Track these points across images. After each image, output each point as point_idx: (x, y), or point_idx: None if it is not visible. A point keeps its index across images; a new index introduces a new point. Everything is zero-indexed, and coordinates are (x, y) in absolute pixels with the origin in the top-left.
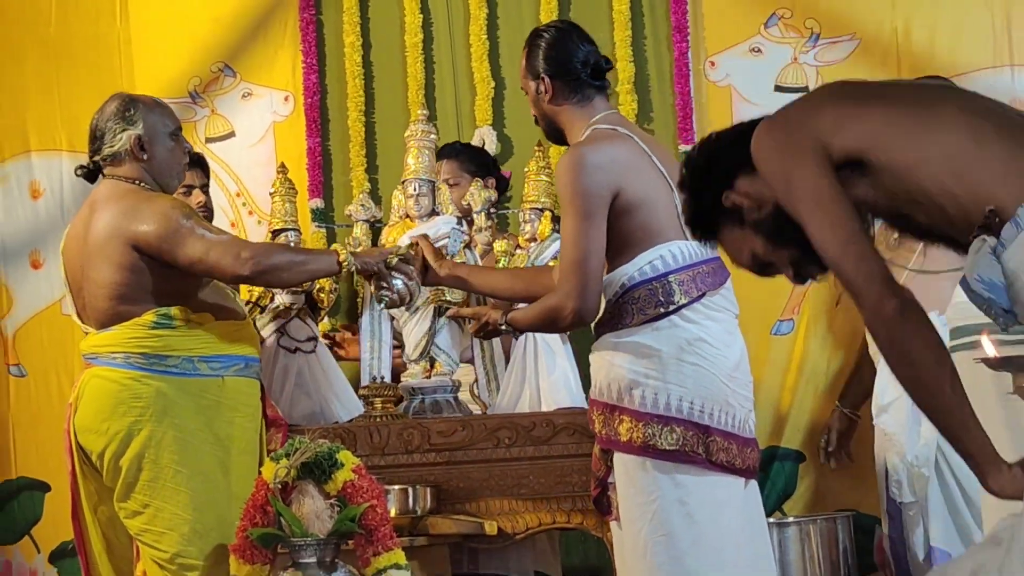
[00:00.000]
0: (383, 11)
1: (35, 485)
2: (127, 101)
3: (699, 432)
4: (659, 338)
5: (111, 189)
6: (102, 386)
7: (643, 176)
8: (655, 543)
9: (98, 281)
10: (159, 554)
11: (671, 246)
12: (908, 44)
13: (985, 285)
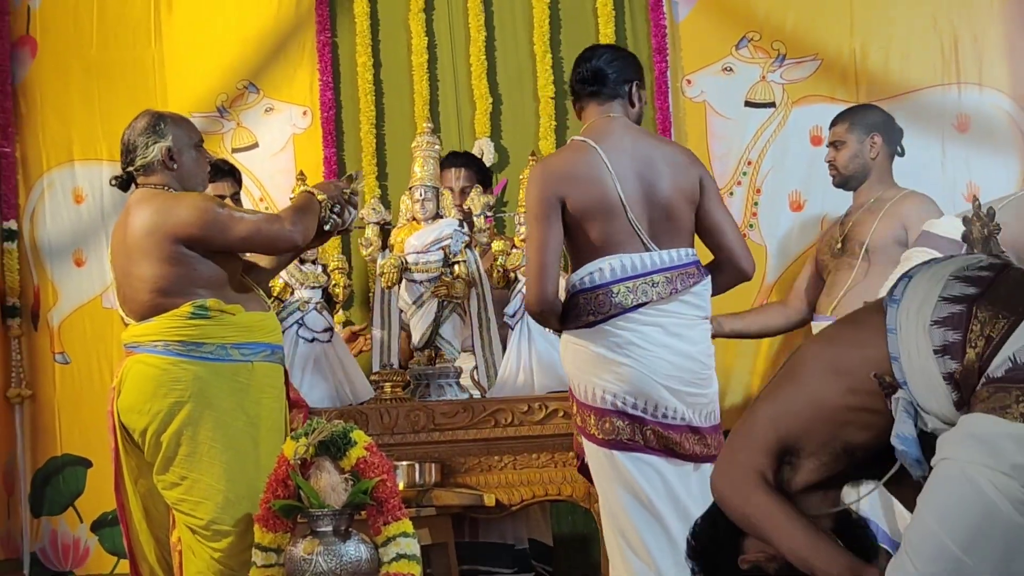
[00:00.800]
0: (392, 34)
1: (78, 461)
2: (155, 117)
3: (635, 423)
4: (595, 340)
5: (144, 195)
6: (144, 371)
7: (590, 187)
8: (608, 517)
9: (140, 276)
10: (195, 521)
11: (612, 259)
12: (865, 64)
13: (900, 440)
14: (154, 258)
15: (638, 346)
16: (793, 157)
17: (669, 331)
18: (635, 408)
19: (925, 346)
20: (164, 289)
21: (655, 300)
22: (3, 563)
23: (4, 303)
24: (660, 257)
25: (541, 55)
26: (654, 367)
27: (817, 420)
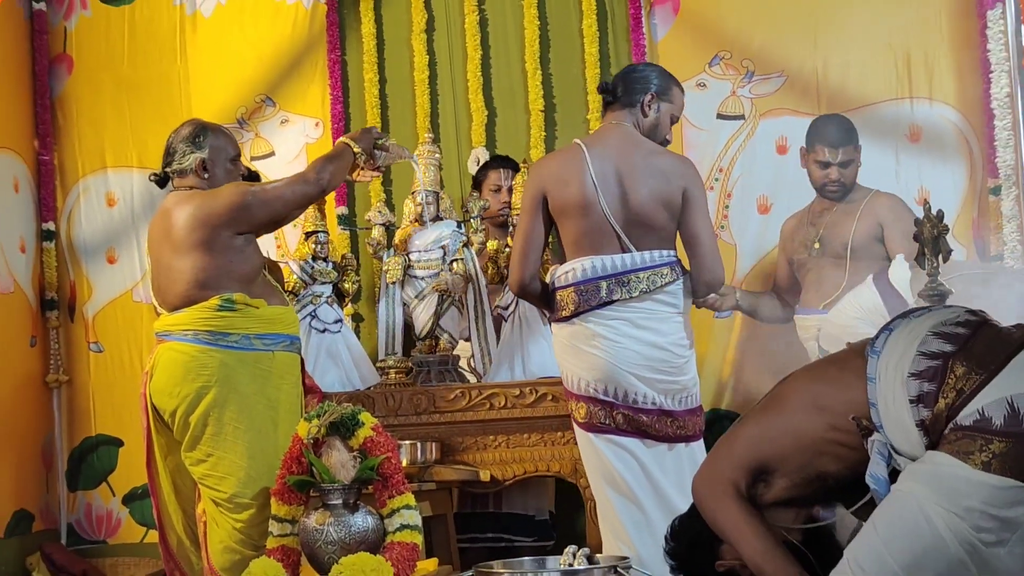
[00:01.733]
0: (396, 52)
1: (111, 441)
2: (199, 128)
3: (604, 407)
4: (570, 332)
5: (180, 197)
6: (174, 357)
7: (569, 186)
8: (594, 491)
9: (181, 268)
10: (218, 495)
11: (585, 261)
12: (826, 79)
13: (873, 479)
14: (196, 248)
15: (606, 338)
16: (761, 164)
17: (637, 324)
18: (606, 394)
19: (901, 396)
20: (201, 281)
21: (625, 298)
22: (42, 533)
23: (43, 297)
24: (634, 259)
25: (532, 72)
26: (622, 357)
27: (795, 448)
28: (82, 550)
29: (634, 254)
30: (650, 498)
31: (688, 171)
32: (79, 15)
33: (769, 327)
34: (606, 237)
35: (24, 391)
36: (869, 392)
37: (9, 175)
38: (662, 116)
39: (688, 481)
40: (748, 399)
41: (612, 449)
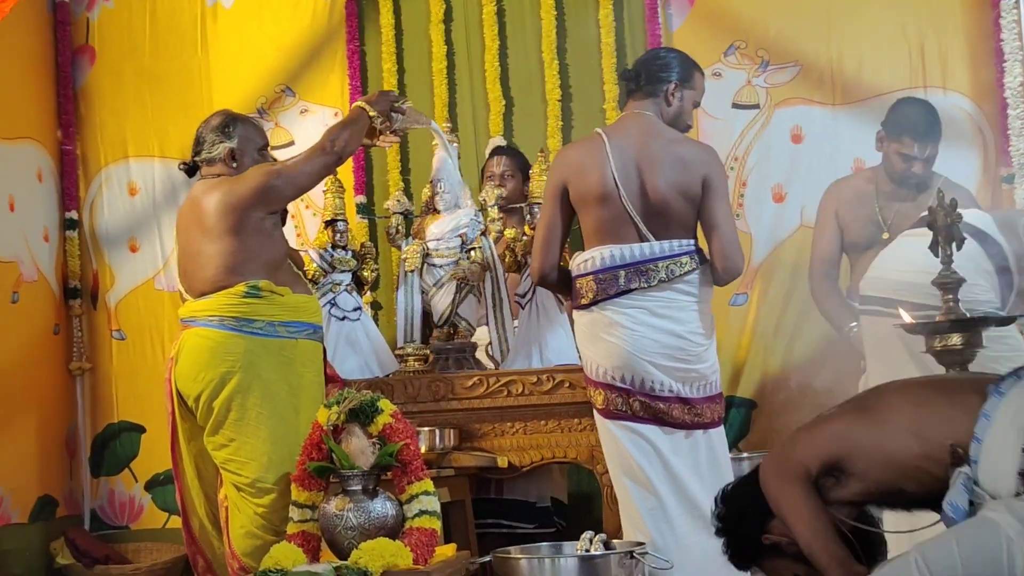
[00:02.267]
0: (414, 43)
1: (133, 427)
2: (228, 118)
3: (621, 394)
4: (589, 320)
5: (207, 184)
6: (200, 343)
7: (589, 175)
8: (612, 469)
9: (210, 253)
10: (241, 479)
11: (602, 250)
12: (841, 69)
13: (951, 508)
14: (231, 233)
15: (624, 326)
16: (776, 153)
17: (655, 313)
18: (623, 382)
19: (1014, 442)
20: (229, 266)
21: (644, 287)
22: (66, 519)
23: (66, 285)
24: (652, 248)
25: (549, 61)
26: (639, 345)
27: (883, 465)
28: (105, 535)
29: (652, 243)
30: (666, 485)
31: (709, 159)
32: (101, 6)
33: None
34: (625, 226)
35: (48, 379)
36: (978, 427)
37: (33, 165)
38: (685, 104)
39: (705, 468)
40: (763, 385)
41: (629, 436)
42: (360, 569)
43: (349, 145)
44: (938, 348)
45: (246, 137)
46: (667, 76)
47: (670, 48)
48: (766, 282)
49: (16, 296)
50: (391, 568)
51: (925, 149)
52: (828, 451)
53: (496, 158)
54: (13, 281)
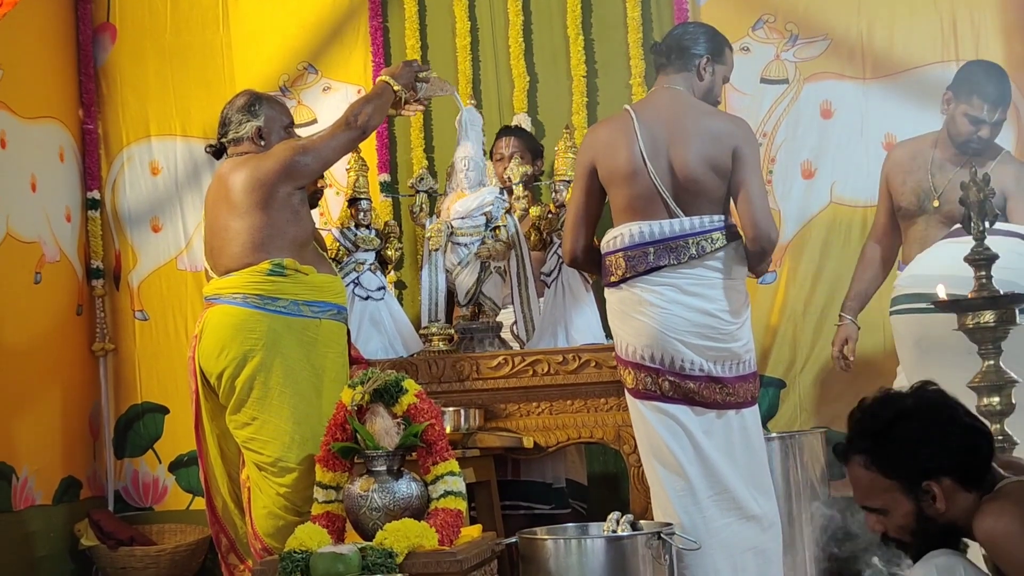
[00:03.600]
0: (438, 19)
1: (156, 409)
2: (253, 98)
3: (651, 374)
4: (619, 298)
5: (234, 162)
6: (223, 320)
7: (618, 155)
8: (643, 458)
9: (237, 228)
10: (263, 459)
11: (632, 226)
12: (871, 42)
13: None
14: (258, 208)
15: (654, 304)
16: (804, 129)
17: (685, 290)
18: (652, 360)
19: None
20: (256, 242)
21: (673, 264)
22: (90, 500)
23: (89, 266)
24: (682, 224)
25: (574, 37)
26: (669, 323)
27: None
28: (129, 517)
29: (683, 219)
30: (695, 467)
31: (740, 131)
32: None
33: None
34: (654, 203)
35: (71, 359)
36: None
37: (54, 144)
38: (716, 78)
39: (738, 449)
40: (790, 365)
41: (658, 417)
42: (385, 550)
43: (373, 119)
44: (970, 326)
45: (272, 116)
46: (699, 51)
47: (699, 23)
48: (795, 260)
49: (39, 277)
50: (416, 549)
51: (995, 112)
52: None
53: (504, 139)
54: (36, 261)
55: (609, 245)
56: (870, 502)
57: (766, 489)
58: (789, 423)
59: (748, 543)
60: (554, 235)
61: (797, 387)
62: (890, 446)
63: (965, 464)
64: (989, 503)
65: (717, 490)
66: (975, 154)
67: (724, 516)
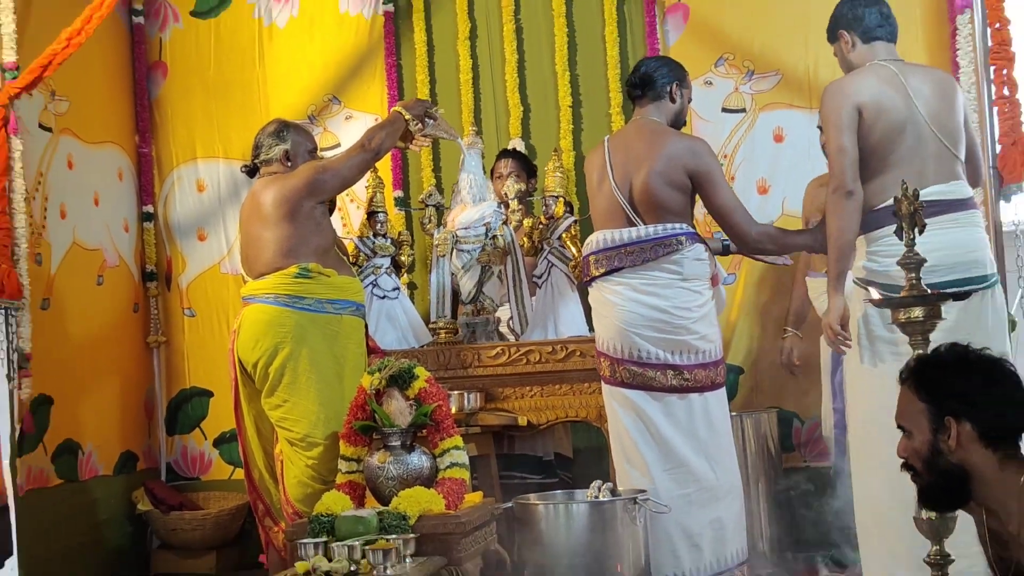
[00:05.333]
0: (444, 57)
1: (202, 392)
2: (282, 125)
3: (615, 363)
4: (593, 297)
5: (265, 181)
6: (258, 317)
7: (592, 175)
8: (611, 435)
9: (268, 238)
10: (293, 435)
11: (597, 234)
12: (817, 77)
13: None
14: (286, 220)
15: (613, 303)
16: (760, 152)
17: (639, 289)
18: (615, 351)
19: None
20: (285, 250)
21: (630, 266)
22: (145, 471)
23: (144, 270)
24: (639, 231)
25: (561, 72)
26: (627, 319)
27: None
28: (179, 485)
29: (640, 228)
30: (650, 446)
31: (694, 152)
32: (172, 27)
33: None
34: (615, 214)
35: (128, 351)
36: None
37: (115, 166)
38: (683, 101)
39: (700, 428)
40: (748, 354)
41: (621, 401)
42: (399, 514)
43: (385, 143)
44: (903, 320)
45: (298, 140)
46: (667, 79)
47: (659, 56)
48: (751, 264)
49: (101, 279)
50: (426, 512)
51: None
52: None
53: (504, 160)
54: (98, 266)
55: (585, 249)
56: (902, 420)
57: (726, 463)
58: (747, 404)
59: (705, 511)
60: (544, 243)
61: (753, 373)
62: (934, 374)
63: (989, 421)
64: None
65: (673, 464)
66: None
67: (682, 487)
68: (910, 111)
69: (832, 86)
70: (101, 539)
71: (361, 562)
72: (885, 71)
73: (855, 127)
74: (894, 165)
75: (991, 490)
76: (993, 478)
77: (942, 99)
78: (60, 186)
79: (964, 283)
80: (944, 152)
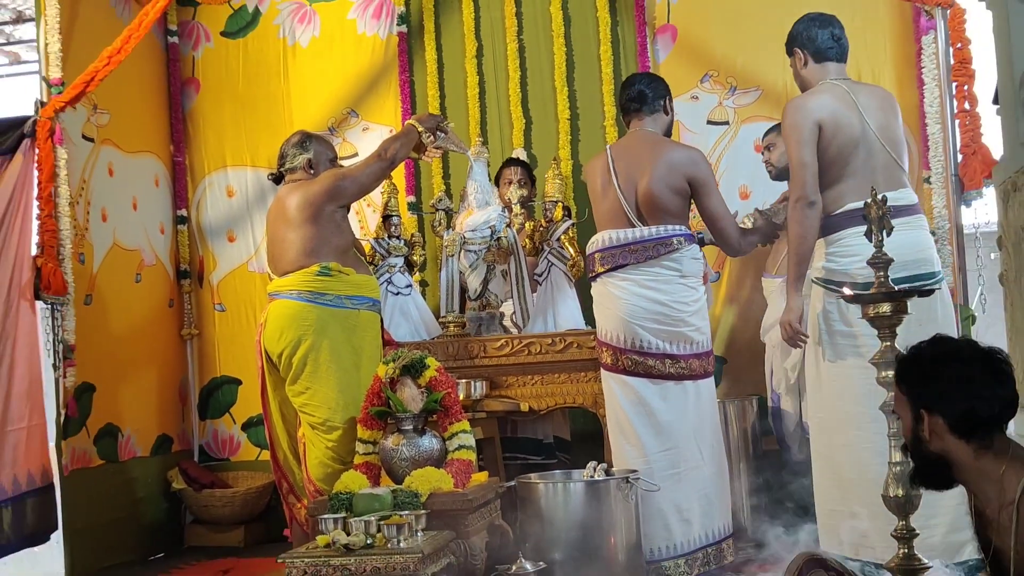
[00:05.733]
0: (453, 74)
1: (232, 381)
2: (304, 136)
3: (617, 352)
4: (597, 291)
5: (290, 187)
6: (282, 311)
7: (598, 180)
8: (608, 419)
9: (292, 239)
10: (314, 420)
11: (602, 234)
12: (794, 92)
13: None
14: (308, 222)
15: (618, 296)
16: (742, 161)
17: (642, 285)
18: (619, 341)
19: None
20: (308, 250)
21: (632, 263)
22: (180, 452)
23: (178, 268)
24: (640, 232)
25: (560, 88)
26: (630, 312)
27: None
28: (210, 466)
29: (641, 228)
30: (647, 428)
31: (693, 161)
32: (204, 47)
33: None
34: (620, 215)
35: (164, 342)
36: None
37: (151, 173)
38: (672, 112)
39: (691, 411)
40: (730, 344)
41: (622, 388)
42: (412, 492)
43: (399, 153)
44: (872, 315)
45: (319, 150)
46: (661, 93)
47: (646, 73)
48: (733, 263)
49: (139, 277)
50: (436, 490)
51: (765, 143)
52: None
53: (510, 168)
54: (136, 265)
55: (590, 247)
56: (895, 407)
57: (713, 444)
58: (730, 392)
59: (694, 489)
60: (544, 244)
61: (735, 363)
62: (914, 369)
63: (957, 415)
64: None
65: (667, 447)
66: (783, 175)
67: (674, 466)
68: (862, 126)
69: (793, 103)
70: (139, 515)
71: (376, 536)
72: (838, 89)
73: (815, 141)
74: (849, 175)
75: (970, 476)
76: (970, 466)
77: (887, 114)
78: (101, 192)
79: (915, 279)
80: (891, 163)
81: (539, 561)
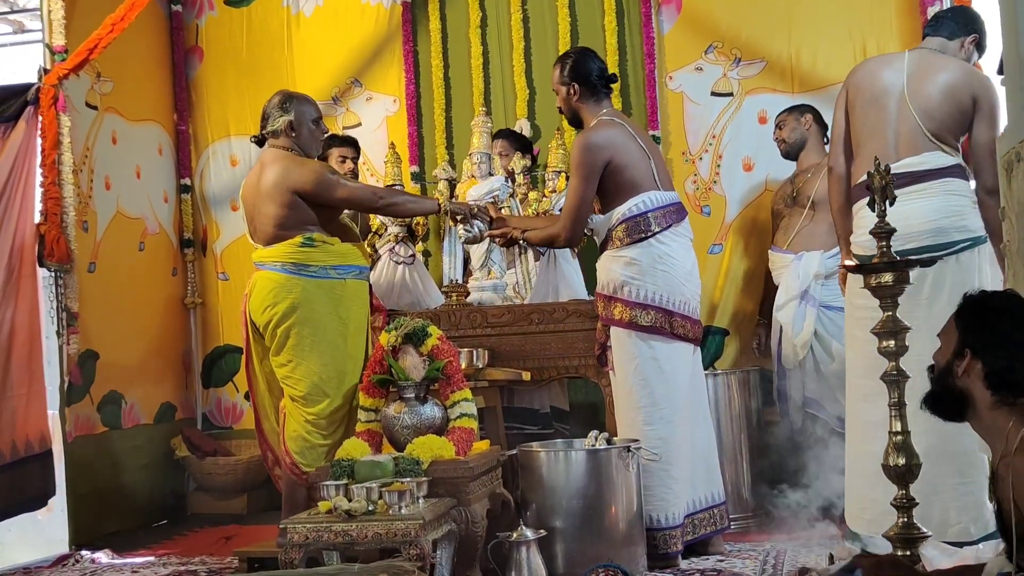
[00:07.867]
0: (457, 44)
1: (235, 349)
2: (286, 96)
3: (666, 315)
4: (641, 254)
5: (273, 155)
6: (266, 283)
7: (628, 149)
8: (637, 385)
9: (267, 215)
10: (295, 392)
11: (648, 195)
12: (799, 64)
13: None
14: (277, 203)
15: (671, 256)
16: (745, 132)
17: (685, 247)
18: (668, 303)
19: None
20: (283, 225)
21: (672, 224)
22: (183, 420)
23: (182, 237)
24: (666, 196)
25: None
26: (678, 272)
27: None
28: (213, 433)
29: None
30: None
31: None
32: (208, 15)
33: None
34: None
35: (168, 311)
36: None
37: (155, 142)
38: None
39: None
40: (733, 317)
41: (668, 347)
42: (414, 459)
43: (397, 208)
44: (874, 284)
45: (301, 111)
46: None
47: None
48: (737, 235)
49: (142, 246)
50: (438, 458)
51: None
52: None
53: (499, 141)
54: (140, 234)
55: (634, 209)
56: (942, 332)
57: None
58: (732, 364)
59: (699, 449)
60: (545, 213)
61: (738, 335)
62: (975, 308)
63: (997, 367)
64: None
65: (680, 407)
66: (792, 152)
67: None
68: (891, 88)
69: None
70: (142, 482)
71: (378, 502)
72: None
73: (843, 106)
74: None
75: (981, 424)
76: (985, 415)
77: (931, 81)
78: (105, 160)
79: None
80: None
81: (540, 529)
